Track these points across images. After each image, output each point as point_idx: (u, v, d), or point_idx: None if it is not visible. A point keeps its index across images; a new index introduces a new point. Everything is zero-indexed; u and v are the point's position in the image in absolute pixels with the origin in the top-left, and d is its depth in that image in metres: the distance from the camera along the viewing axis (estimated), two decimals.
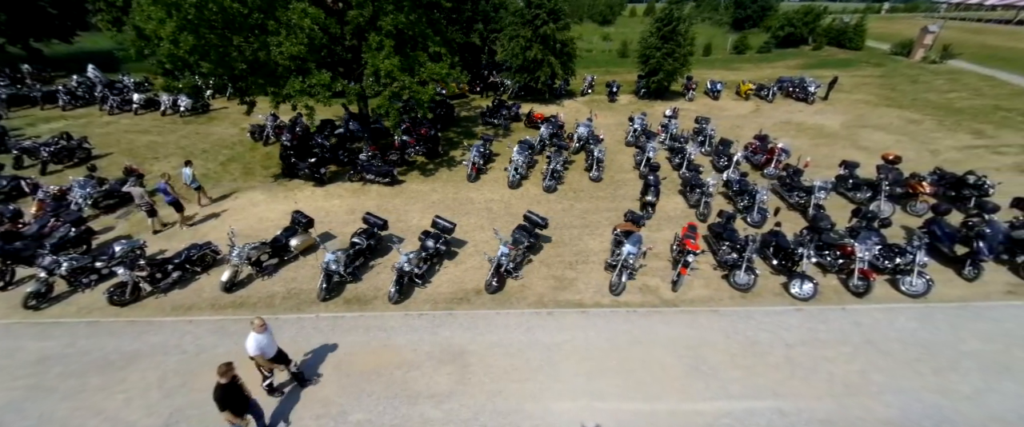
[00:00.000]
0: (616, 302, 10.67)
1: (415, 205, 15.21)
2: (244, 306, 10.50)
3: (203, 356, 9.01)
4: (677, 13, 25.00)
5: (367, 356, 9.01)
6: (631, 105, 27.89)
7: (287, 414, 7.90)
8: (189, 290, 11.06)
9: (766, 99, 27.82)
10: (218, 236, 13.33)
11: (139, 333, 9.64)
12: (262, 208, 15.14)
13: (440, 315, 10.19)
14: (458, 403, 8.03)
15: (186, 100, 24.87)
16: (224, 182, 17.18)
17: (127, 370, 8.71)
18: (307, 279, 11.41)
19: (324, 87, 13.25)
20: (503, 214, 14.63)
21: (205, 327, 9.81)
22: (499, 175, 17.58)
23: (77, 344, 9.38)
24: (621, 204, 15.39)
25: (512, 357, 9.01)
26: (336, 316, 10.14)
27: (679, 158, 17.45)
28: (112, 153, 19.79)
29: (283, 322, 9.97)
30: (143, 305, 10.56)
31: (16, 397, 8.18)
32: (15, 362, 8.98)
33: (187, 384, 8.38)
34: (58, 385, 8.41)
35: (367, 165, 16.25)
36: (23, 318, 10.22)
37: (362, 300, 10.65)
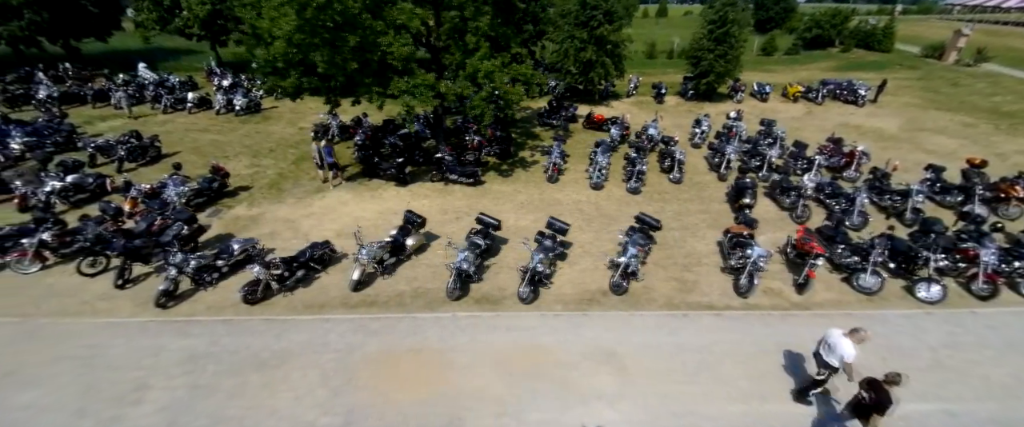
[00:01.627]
0: (746, 304, 10.65)
1: (504, 205, 15.18)
2: (375, 305, 10.47)
3: (356, 354, 8.98)
4: (732, 15, 24.99)
5: (521, 355, 8.99)
6: (678, 106, 27.93)
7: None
8: (313, 289, 11.04)
9: (815, 101, 27.83)
10: (318, 234, 13.36)
11: (280, 331, 9.60)
12: (352, 207, 15.12)
13: (575, 316, 10.17)
14: (631, 404, 8.00)
15: (242, 100, 24.87)
16: (303, 182, 17.15)
17: (284, 368, 8.67)
18: (427, 278, 11.39)
19: (428, 88, 13.23)
20: (596, 215, 14.61)
21: (345, 326, 9.78)
22: (575, 176, 17.56)
23: (220, 342, 9.35)
24: (709, 206, 15.39)
25: (666, 359, 8.98)
26: (473, 315, 10.12)
27: (758, 161, 17.42)
28: (179, 152, 19.77)
29: (421, 321, 9.95)
30: (273, 304, 10.53)
31: (181, 396, 8.14)
32: (164, 361, 8.94)
33: (352, 382, 8.34)
34: (219, 384, 8.37)
35: (452, 166, 16.21)
36: (154, 316, 10.18)
37: (492, 300, 10.63)
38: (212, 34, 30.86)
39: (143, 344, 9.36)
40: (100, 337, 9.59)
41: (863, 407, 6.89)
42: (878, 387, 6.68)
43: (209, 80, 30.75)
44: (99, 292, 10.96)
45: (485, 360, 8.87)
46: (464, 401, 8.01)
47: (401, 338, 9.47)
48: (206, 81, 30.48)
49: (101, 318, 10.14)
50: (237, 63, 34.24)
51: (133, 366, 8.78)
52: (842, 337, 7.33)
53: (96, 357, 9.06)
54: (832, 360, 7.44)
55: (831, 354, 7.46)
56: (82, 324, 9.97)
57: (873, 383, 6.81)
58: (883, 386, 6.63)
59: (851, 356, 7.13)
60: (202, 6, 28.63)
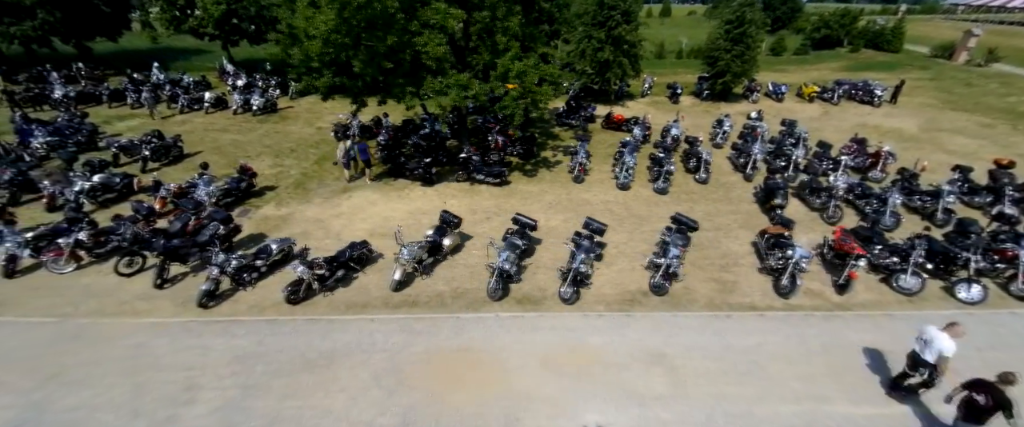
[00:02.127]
0: (788, 305, 10.63)
1: (533, 206, 15.15)
2: (417, 305, 10.44)
3: (404, 354, 8.96)
4: (750, 16, 24.97)
5: (569, 356, 8.96)
6: (694, 106, 27.90)
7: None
8: (353, 289, 11.01)
9: (831, 101, 27.80)
10: (350, 234, 13.33)
11: (325, 331, 9.58)
12: (380, 207, 15.09)
13: (619, 316, 10.14)
14: (686, 406, 7.97)
15: (259, 100, 24.84)
16: (328, 182, 17.12)
17: (333, 368, 8.64)
18: (465, 278, 11.37)
19: (461, 87, 13.20)
20: (627, 216, 14.58)
21: (389, 325, 9.75)
22: (600, 176, 17.53)
23: (266, 342, 9.32)
24: (739, 206, 15.37)
25: (715, 360, 8.96)
26: (516, 316, 10.09)
27: (782, 161, 17.38)
28: (201, 152, 19.74)
29: (465, 321, 9.93)
30: (314, 304, 10.50)
31: (234, 396, 8.11)
32: (211, 361, 8.91)
33: (404, 382, 8.31)
34: (270, 384, 8.34)
35: (479, 165, 16.18)
36: (196, 316, 10.15)
37: (532, 300, 10.60)
38: (225, 34, 30.82)
39: (188, 344, 9.33)
40: (143, 337, 9.57)
41: (978, 410, 6.80)
42: (991, 388, 6.64)
43: (222, 80, 30.76)
44: (137, 292, 10.93)
45: (533, 361, 8.84)
46: (518, 401, 7.97)
47: (446, 338, 9.43)
48: (219, 81, 30.48)
49: (142, 318, 10.11)
50: (249, 63, 34.24)
51: (181, 366, 8.75)
52: (939, 332, 7.33)
53: (142, 357, 9.03)
54: (928, 356, 7.42)
55: (928, 350, 7.43)
56: (124, 324, 9.93)
57: (983, 384, 6.76)
58: (997, 387, 6.60)
59: (951, 350, 7.16)
60: (217, 6, 28.60)
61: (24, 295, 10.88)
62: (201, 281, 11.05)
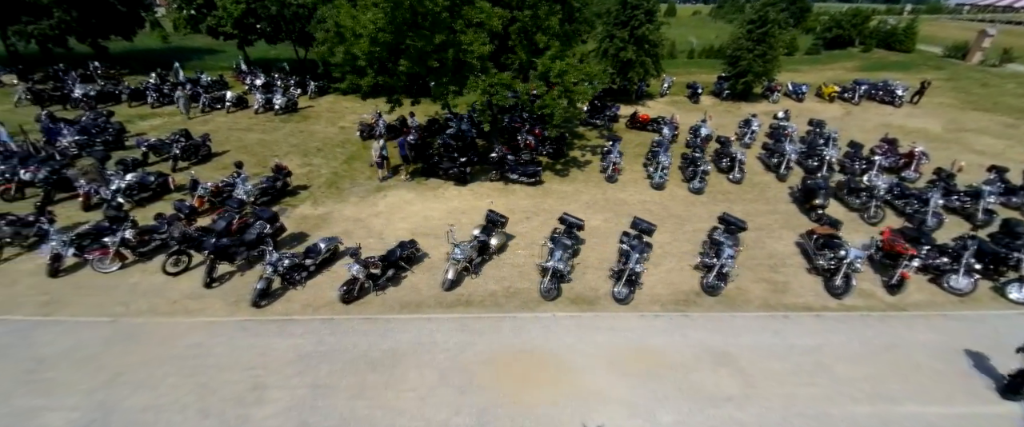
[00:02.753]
0: (842, 305, 10.59)
1: (570, 205, 15.07)
2: (471, 304, 10.39)
3: (468, 354, 8.91)
4: (773, 15, 24.93)
5: (633, 357, 8.92)
6: (715, 106, 27.83)
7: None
8: (404, 288, 10.95)
9: (851, 101, 27.75)
10: (391, 233, 13.31)
11: (385, 331, 9.53)
12: (418, 207, 15.03)
13: (676, 316, 10.10)
14: (760, 406, 7.94)
15: (281, 99, 24.77)
16: (360, 181, 17.06)
17: (399, 368, 8.59)
18: (515, 277, 11.32)
19: (504, 86, 13.13)
20: (666, 216, 14.52)
21: (448, 325, 9.71)
22: (631, 176, 17.47)
23: (326, 341, 9.27)
24: (777, 206, 15.32)
25: (780, 360, 8.92)
26: (572, 316, 10.05)
27: (814, 161, 17.33)
28: (228, 151, 19.68)
29: (523, 321, 9.89)
30: (367, 303, 10.45)
31: (303, 395, 8.06)
32: (273, 360, 8.85)
33: (473, 382, 8.27)
34: (338, 383, 8.29)
35: (514, 165, 16.12)
36: (251, 315, 10.10)
37: (586, 300, 10.56)
38: (242, 33, 30.71)
39: (246, 343, 9.27)
40: (199, 336, 9.51)
41: None
42: None
43: (238, 79, 30.70)
44: (186, 291, 10.87)
45: (598, 361, 8.79)
46: (590, 402, 7.93)
47: (507, 338, 9.38)
48: (235, 80, 30.42)
49: (196, 318, 10.05)
50: (263, 62, 34.22)
51: (243, 366, 8.70)
52: None
53: (201, 357, 8.97)
54: None
55: None
56: (177, 324, 9.88)
57: None
58: None
59: None
60: (237, 5, 28.50)
61: (72, 294, 10.83)
62: (249, 280, 11.06)
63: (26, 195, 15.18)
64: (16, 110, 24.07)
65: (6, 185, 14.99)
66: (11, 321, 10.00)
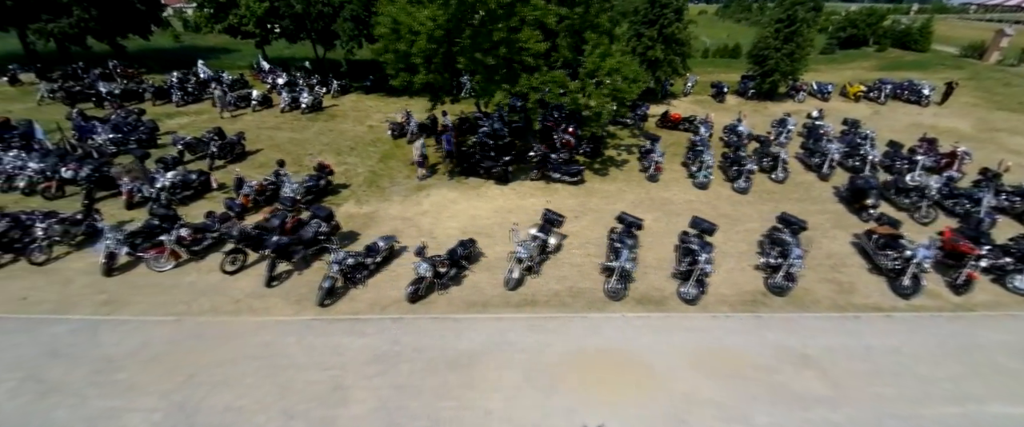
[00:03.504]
0: (911, 306, 10.49)
1: (616, 205, 14.90)
2: (538, 304, 10.29)
3: (547, 354, 8.82)
4: (802, 14, 24.81)
5: (713, 358, 8.82)
6: (741, 106, 27.69)
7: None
8: (467, 287, 10.85)
9: (877, 101, 27.64)
10: (443, 232, 13.22)
11: (457, 330, 9.43)
12: (463, 205, 14.93)
13: (747, 317, 10.01)
14: (851, 408, 7.85)
15: (308, 97, 24.65)
16: (399, 180, 16.95)
17: (479, 368, 8.49)
18: (576, 277, 11.23)
19: (556, 85, 13.01)
20: (716, 216, 14.23)
21: (520, 325, 9.62)
22: (672, 175, 17.34)
23: (401, 341, 9.16)
24: (825, 206, 15.22)
25: (861, 361, 8.84)
26: (642, 316, 9.95)
27: (856, 161, 17.22)
28: (261, 150, 19.56)
29: (594, 321, 9.80)
30: (432, 302, 10.34)
31: (387, 396, 7.95)
32: (350, 359, 8.75)
33: (558, 384, 8.17)
34: (420, 383, 8.18)
35: (557, 164, 16.01)
36: (317, 314, 9.99)
37: (653, 300, 10.46)
38: (264, 32, 30.60)
39: (318, 343, 9.17)
40: (268, 336, 9.41)
41: None
42: None
43: (258, 78, 30.61)
44: (246, 290, 10.77)
45: (680, 362, 8.69)
46: (680, 404, 7.83)
47: (582, 338, 9.29)
48: (255, 79, 30.34)
49: (261, 316, 9.96)
50: (280, 61, 34.14)
51: (320, 366, 8.59)
52: None
53: (275, 357, 8.86)
54: None
55: None
56: (244, 323, 9.78)
57: None
58: None
59: None
60: (260, 3, 28.37)
61: (130, 293, 10.72)
62: (308, 279, 10.97)
63: (66, 193, 15.05)
64: (40, 108, 23.96)
65: (47, 183, 14.90)
66: (72, 320, 9.89)
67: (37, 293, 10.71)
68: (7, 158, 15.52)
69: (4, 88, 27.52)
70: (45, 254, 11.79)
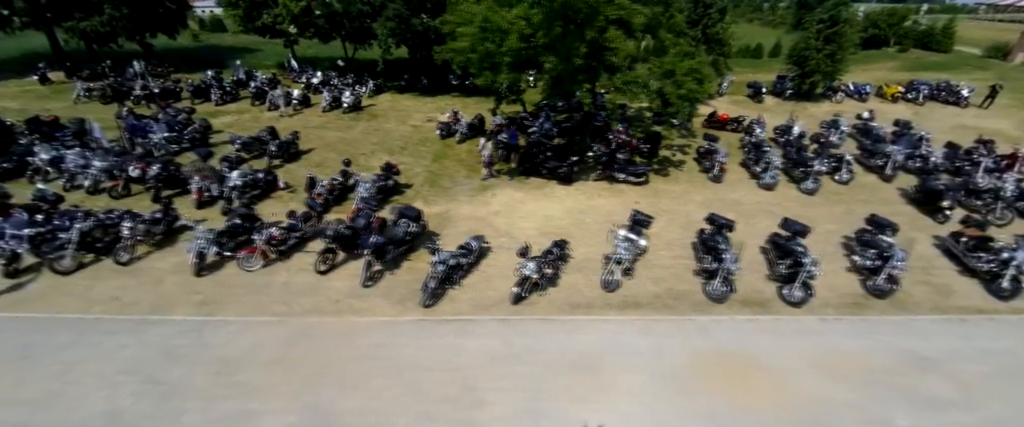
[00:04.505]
0: (1013, 308, 10.45)
1: (686, 206, 14.92)
2: (640, 306, 10.26)
3: (667, 357, 8.78)
4: (845, 14, 24.77)
5: (836, 360, 8.81)
6: (779, 106, 27.64)
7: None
8: (562, 289, 10.80)
9: (915, 102, 27.59)
10: (520, 233, 13.11)
11: (568, 332, 9.41)
12: (532, 206, 14.87)
13: (853, 320, 9.99)
14: (985, 411, 7.85)
15: (350, 97, 24.59)
16: (459, 179, 16.91)
17: (604, 371, 8.46)
18: (671, 278, 11.21)
19: (639, 85, 12.96)
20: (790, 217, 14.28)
21: (628, 327, 9.60)
22: (733, 175, 17.25)
23: (513, 342, 9.13)
24: (896, 208, 15.07)
25: (980, 363, 8.84)
26: (750, 319, 9.93)
27: (917, 162, 17.19)
28: (313, 149, 19.50)
29: (702, 324, 9.76)
30: (533, 303, 10.28)
31: (520, 398, 7.92)
32: (469, 360, 8.71)
33: (689, 387, 8.16)
34: (551, 387, 8.15)
35: (624, 164, 15.96)
36: (423, 315, 9.97)
37: (757, 302, 10.42)
38: (299, 30, 30.48)
39: (432, 344, 9.13)
40: (379, 336, 9.37)
41: None
42: None
43: (290, 77, 30.56)
44: (343, 290, 10.73)
45: (801, 365, 8.66)
46: (818, 407, 7.80)
47: (694, 341, 9.25)
48: (287, 78, 30.29)
49: (365, 317, 9.92)
50: (309, 60, 34.08)
51: (442, 367, 8.54)
52: None
53: (393, 358, 8.81)
54: None
55: None
56: (350, 323, 9.74)
57: None
58: None
59: None
60: (297, 2, 28.25)
61: (224, 293, 10.67)
62: (401, 279, 10.92)
63: (131, 192, 14.99)
64: (76, 107, 23.86)
65: (114, 182, 14.83)
66: (175, 321, 9.84)
67: (129, 293, 10.65)
68: (70, 156, 15.44)
69: (35, 87, 27.38)
70: (129, 254, 11.73)
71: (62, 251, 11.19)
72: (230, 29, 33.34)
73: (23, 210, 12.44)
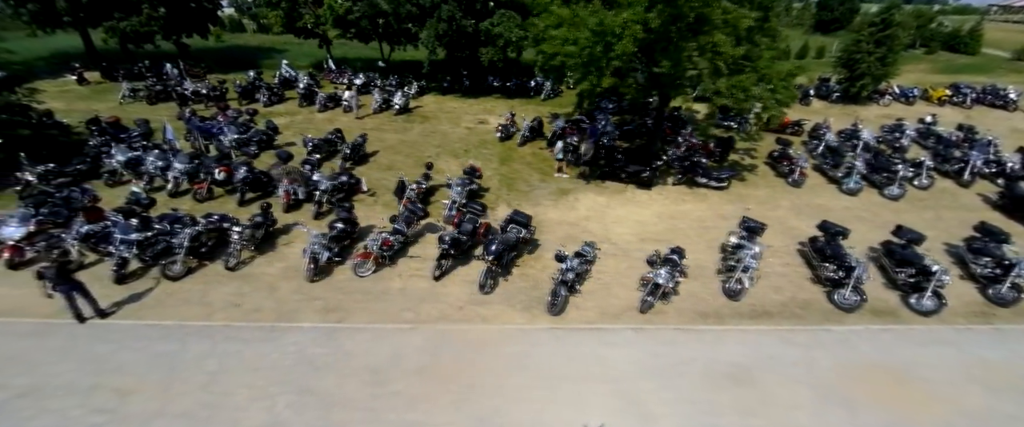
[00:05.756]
0: None
1: (775, 212, 14.81)
2: (770, 315, 10.21)
3: (818, 368, 8.76)
4: (898, 18, 24.69)
5: (985, 371, 8.76)
6: (828, 110, 27.55)
7: None
8: (686, 296, 10.71)
9: (963, 105, 27.52)
10: (618, 238, 13.11)
11: (707, 342, 9.37)
12: (620, 211, 14.79)
13: (985, 329, 9.97)
14: None
15: (401, 99, 24.48)
16: (533, 182, 16.82)
17: (761, 384, 8.42)
18: (790, 287, 11.16)
19: (742, 90, 12.87)
20: (881, 224, 14.16)
21: (769, 337, 9.56)
22: (811, 180, 17.14)
23: (659, 353, 9.08)
24: (983, 214, 14.97)
25: None
26: (884, 329, 9.88)
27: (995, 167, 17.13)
28: (377, 151, 19.40)
29: (840, 334, 9.72)
30: (661, 312, 10.20)
31: (689, 412, 7.87)
32: (621, 371, 8.67)
33: (852, 400, 8.10)
34: (712, 398, 8.11)
35: (707, 169, 15.88)
36: (554, 323, 9.92)
37: (884, 311, 10.36)
38: (343, 29, 30.31)
39: (575, 353, 9.09)
40: (518, 345, 9.32)
41: None
42: None
43: (328, 79, 30.44)
44: (462, 297, 10.66)
45: (954, 376, 8.66)
46: (992, 421, 7.70)
47: (838, 352, 9.23)
48: (325, 80, 30.16)
49: (497, 325, 9.86)
50: (340, 61, 33.92)
51: (596, 378, 8.50)
52: None
53: (541, 367, 8.77)
54: None
55: None
56: (483, 331, 9.70)
57: None
58: None
59: None
60: (342, 3, 28.08)
61: (345, 300, 10.56)
62: (515, 285, 10.89)
63: (214, 195, 14.91)
64: (122, 107, 23.71)
65: (199, 184, 14.72)
66: (305, 328, 9.73)
67: (247, 299, 10.56)
68: (149, 159, 15.32)
69: (74, 87, 27.21)
70: (236, 258, 11.65)
71: (173, 256, 11.11)
72: (249, 29, 32.99)
73: (118, 213, 12.39)
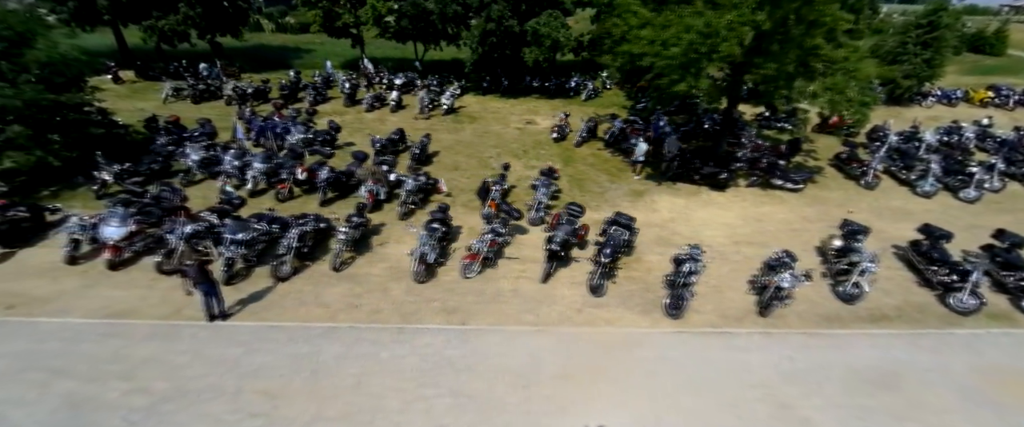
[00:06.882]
0: None
1: (859, 215, 14.74)
2: (889, 319, 10.27)
3: (955, 372, 8.87)
4: (947, 20, 24.73)
5: None
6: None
7: None
8: (798, 300, 10.67)
9: (1005, 107, 27.58)
10: (709, 240, 13.04)
11: (836, 346, 9.46)
12: (702, 213, 14.84)
13: None
14: None
15: (449, 99, 24.47)
16: (601, 183, 16.87)
17: (908, 388, 8.44)
18: (899, 291, 11.19)
19: (838, 92, 12.89)
20: (964, 227, 14.06)
21: (898, 341, 9.67)
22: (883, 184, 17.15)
23: (795, 357, 9.09)
24: None
25: None
26: (1006, 333, 9.96)
27: None
28: (437, 152, 19.37)
29: (963, 338, 9.78)
30: (782, 316, 10.24)
31: (841, 417, 7.90)
32: (760, 377, 8.70)
33: (999, 405, 8.12)
34: (861, 404, 8.16)
35: (785, 171, 15.91)
36: (676, 326, 9.97)
37: (998, 315, 10.39)
38: (381, 29, 30.30)
39: (709, 357, 9.14)
40: (648, 349, 9.36)
41: None
42: None
43: (366, 78, 30.40)
44: (577, 299, 10.71)
45: None
46: None
47: (967, 356, 9.32)
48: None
49: (622, 328, 9.89)
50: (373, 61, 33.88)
51: (739, 383, 8.50)
52: None
53: (678, 373, 8.79)
54: None
55: None
56: (608, 334, 9.76)
57: None
58: None
59: None
60: (385, 2, 28.06)
61: (461, 301, 10.55)
62: (622, 287, 10.93)
63: (294, 194, 14.93)
64: (166, 106, 23.66)
65: (281, 184, 14.74)
66: (432, 330, 9.72)
67: (363, 300, 10.57)
68: (226, 158, 15.33)
69: (110, 86, 26.96)
70: (340, 259, 11.67)
71: (283, 257, 11.13)
72: (266, 28, 32.83)
73: (211, 213, 12.44)
